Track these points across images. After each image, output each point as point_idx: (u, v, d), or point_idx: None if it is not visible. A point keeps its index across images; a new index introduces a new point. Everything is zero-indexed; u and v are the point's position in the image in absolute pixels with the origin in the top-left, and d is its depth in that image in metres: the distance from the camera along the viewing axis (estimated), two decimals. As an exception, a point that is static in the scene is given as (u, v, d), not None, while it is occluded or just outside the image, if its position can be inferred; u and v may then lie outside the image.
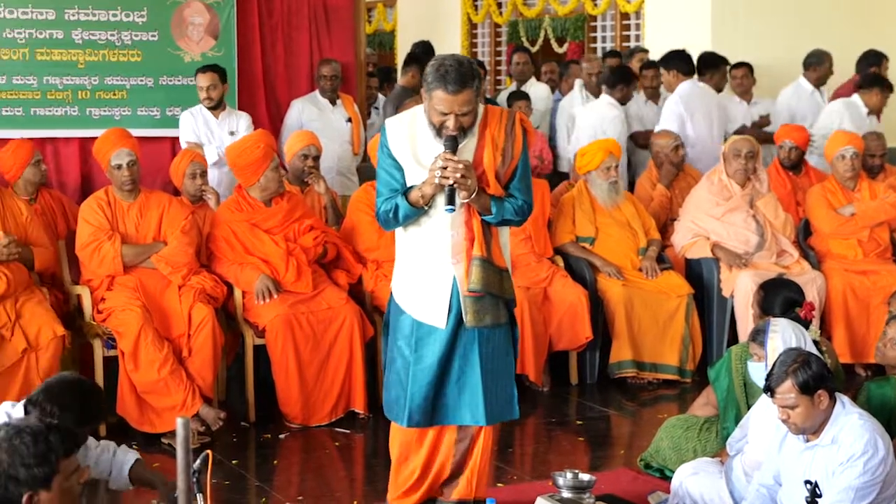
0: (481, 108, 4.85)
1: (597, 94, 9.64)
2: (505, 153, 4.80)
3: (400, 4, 14.88)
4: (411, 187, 4.79)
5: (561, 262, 7.85)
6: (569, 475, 4.86)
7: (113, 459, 4.45)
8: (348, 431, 6.70)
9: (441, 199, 4.73)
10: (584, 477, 4.87)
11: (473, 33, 13.72)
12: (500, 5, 13.33)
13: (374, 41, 15.03)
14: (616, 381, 7.67)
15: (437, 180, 4.65)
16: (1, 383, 6.15)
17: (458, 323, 4.87)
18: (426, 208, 4.78)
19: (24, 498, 3.12)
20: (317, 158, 7.77)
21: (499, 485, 5.75)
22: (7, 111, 7.95)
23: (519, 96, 9.91)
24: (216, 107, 8.16)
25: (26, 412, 4.08)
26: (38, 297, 6.50)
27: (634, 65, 9.95)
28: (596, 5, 12.03)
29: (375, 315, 7.12)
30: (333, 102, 8.91)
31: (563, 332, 7.55)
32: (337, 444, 6.55)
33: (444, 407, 4.95)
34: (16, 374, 6.20)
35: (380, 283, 7.16)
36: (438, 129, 4.72)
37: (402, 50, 13.86)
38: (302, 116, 8.78)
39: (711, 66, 9.42)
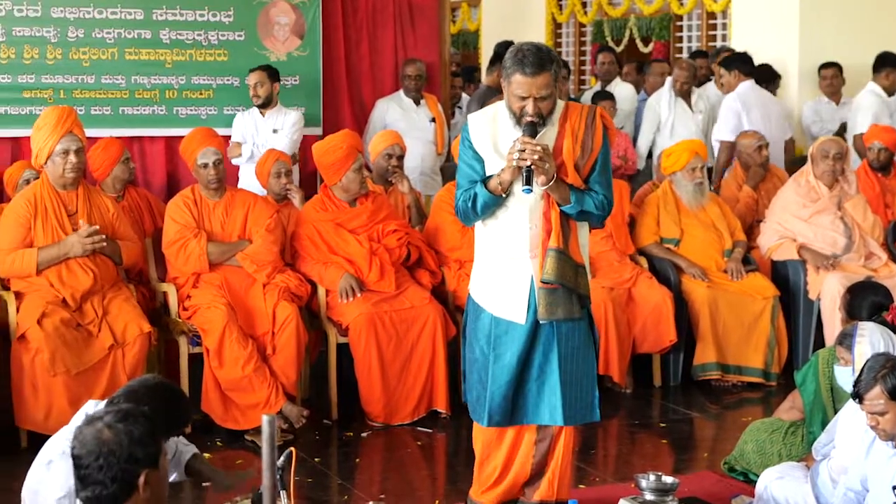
0: (562, 103, 4.84)
1: (686, 98, 9.62)
2: (584, 145, 4.79)
3: (484, 4, 14.86)
4: (490, 176, 4.79)
5: (645, 263, 7.80)
6: (652, 477, 4.81)
7: (175, 451, 4.48)
8: (430, 430, 6.71)
9: (519, 188, 4.69)
10: (668, 479, 4.82)
11: (558, 33, 13.67)
12: (584, 5, 13.26)
13: (458, 41, 15.03)
14: (700, 384, 7.60)
15: (514, 163, 4.62)
16: (88, 379, 6.22)
17: (537, 320, 4.84)
18: (504, 196, 4.76)
19: (142, 477, 3.18)
20: (401, 158, 7.78)
21: (581, 486, 5.72)
22: (96, 110, 8.06)
23: (603, 96, 9.86)
24: (265, 105, 8.20)
25: None
26: (126, 294, 6.58)
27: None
28: (682, 5, 11.92)
29: (458, 315, 7.11)
30: (417, 102, 8.93)
31: (647, 334, 7.50)
32: (419, 442, 6.55)
33: (524, 406, 4.93)
34: (102, 370, 6.27)
35: (462, 283, 7.16)
36: (518, 118, 4.72)
37: (485, 50, 13.86)
38: (386, 116, 8.81)
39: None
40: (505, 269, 4.86)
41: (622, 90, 10.61)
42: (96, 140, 7.35)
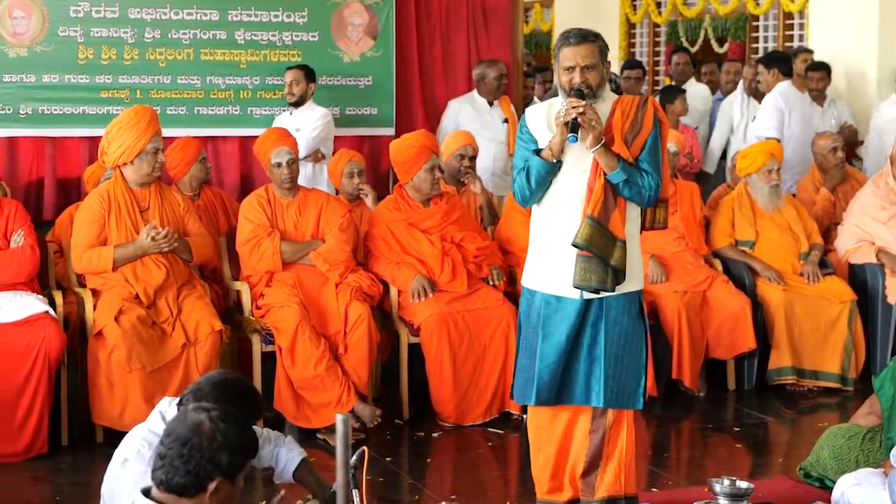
0: (614, 95, 4.98)
1: (757, 98, 9.54)
2: (634, 121, 4.91)
3: (557, 4, 14.80)
4: (542, 149, 4.90)
5: (719, 266, 7.72)
6: (726, 482, 4.76)
7: (276, 452, 4.48)
8: (502, 432, 6.69)
9: (571, 166, 4.84)
10: (742, 484, 4.77)
11: (631, 33, 13.57)
12: (659, 5, 13.16)
13: (530, 41, 14.99)
14: (775, 388, 7.51)
15: (561, 118, 4.77)
16: (162, 377, 6.28)
17: (587, 302, 4.90)
18: (556, 163, 4.85)
19: (213, 484, 3.18)
20: (473, 158, 7.77)
21: (653, 489, 5.68)
22: (171, 110, 8.13)
23: (674, 91, 9.79)
24: (298, 103, 8.19)
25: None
26: (199, 293, 6.63)
27: (798, 66, 9.73)
28: (758, 5, 11.78)
29: (530, 316, 7.10)
30: (491, 103, 8.91)
31: (722, 339, 7.42)
32: (490, 443, 6.54)
33: (571, 387, 4.98)
34: (176, 367, 6.32)
35: (534, 284, 7.13)
36: (568, 92, 4.87)
37: (558, 51, 13.78)
38: (459, 117, 8.79)
39: None
40: (559, 247, 4.93)
41: (696, 90, 10.52)
42: (172, 140, 7.41)
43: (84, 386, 6.44)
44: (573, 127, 4.74)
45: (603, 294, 4.88)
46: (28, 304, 6.32)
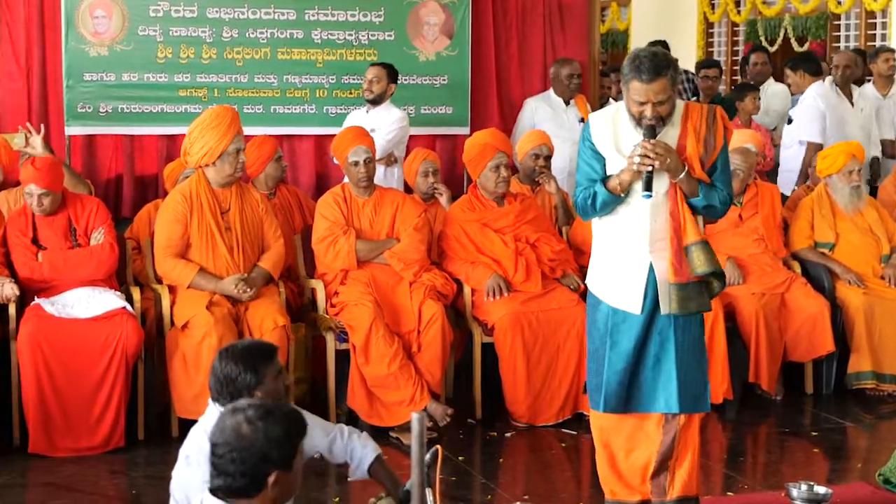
0: (682, 103, 4.93)
1: (848, 94, 9.43)
2: (707, 143, 4.86)
3: (634, 3, 14.74)
4: (609, 176, 4.86)
5: (797, 268, 7.62)
6: (803, 487, 4.71)
7: (351, 448, 4.48)
8: (575, 433, 6.65)
9: (639, 187, 4.79)
10: (820, 489, 4.71)
11: (710, 32, 13.47)
12: (738, 3, 13.04)
13: (607, 40, 14.92)
14: (854, 392, 7.39)
15: (635, 167, 4.73)
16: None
17: (653, 310, 4.88)
18: (623, 196, 4.83)
19: (272, 477, 3.21)
20: (548, 158, 7.75)
21: (729, 494, 5.62)
22: (248, 109, 8.18)
23: (746, 88, 9.69)
24: (375, 101, 8.15)
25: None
26: (270, 289, 6.67)
27: (880, 65, 9.59)
28: (840, 3, 11.65)
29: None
30: (567, 102, 8.86)
31: (800, 342, 7.32)
32: (563, 444, 6.50)
33: (639, 395, 4.95)
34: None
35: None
36: (638, 121, 4.81)
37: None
38: (535, 116, 8.75)
39: None
40: (623, 262, 4.92)
41: (775, 90, 10.41)
42: (249, 138, 7.46)
43: (160, 381, 6.51)
44: (648, 183, 4.72)
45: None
46: (106, 300, 6.40)
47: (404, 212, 7.02)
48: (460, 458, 6.20)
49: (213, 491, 3.28)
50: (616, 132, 4.89)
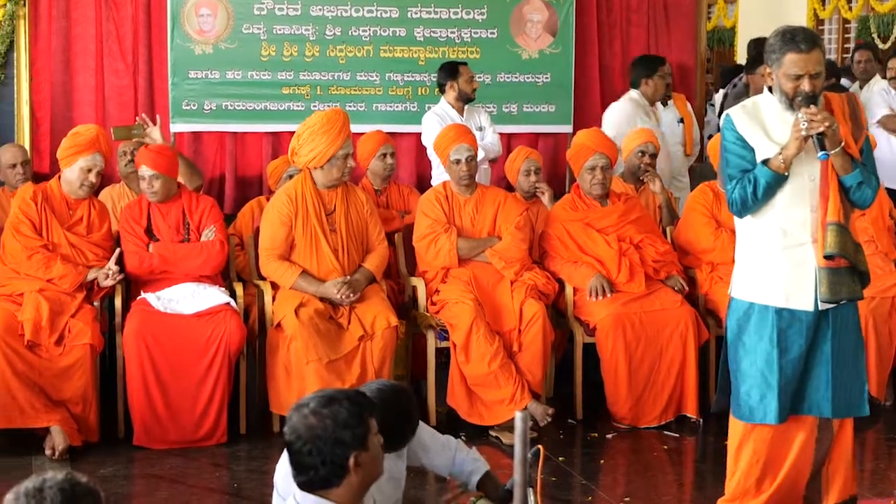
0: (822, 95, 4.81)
1: None
2: (856, 122, 4.79)
3: (741, 0, 14.55)
4: (768, 159, 4.72)
5: (909, 270, 7.44)
6: (914, 495, 4.58)
7: (458, 459, 4.45)
8: (678, 435, 6.56)
9: (799, 169, 4.67)
10: (931, 498, 4.58)
11: (820, 29, 13.21)
12: (849, 0, 12.78)
13: (713, 38, 14.74)
14: (968, 399, 7.20)
15: (803, 132, 4.59)
16: (339, 369, 6.32)
17: (820, 312, 4.75)
18: (786, 175, 4.68)
19: (351, 459, 3.26)
20: (654, 156, 7.65)
21: (836, 500, 5.49)
22: (351, 107, 8.18)
23: (837, 88, 9.48)
24: (469, 100, 8.08)
25: None
26: (376, 288, 6.67)
27: None
28: (957, -2, 11.35)
29: (709, 318, 6.95)
30: (665, 103, 8.74)
31: (911, 346, 7.15)
32: (665, 447, 6.41)
33: (798, 399, 4.82)
34: (353, 360, 6.37)
35: (715, 286, 6.98)
36: (791, 99, 4.69)
37: (741, 47, 13.53)
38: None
39: None
40: (787, 257, 4.77)
41: (881, 87, 10.17)
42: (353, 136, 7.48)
43: (262, 376, 6.55)
44: (821, 143, 4.60)
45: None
46: (211, 296, 6.46)
47: (506, 210, 6.98)
48: (560, 458, 6.15)
49: (301, 488, 3.33)
50: (762, 121, 4.78)
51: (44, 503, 2.65)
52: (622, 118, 8.20)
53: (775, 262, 4.78)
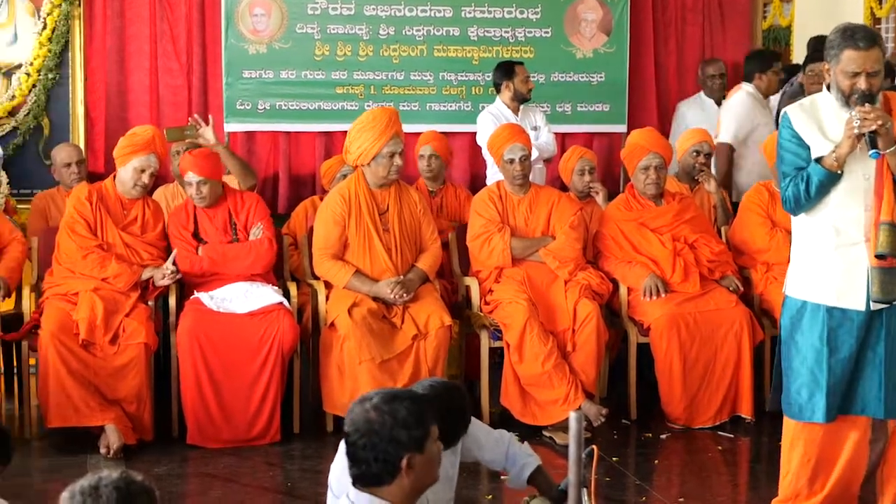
0: (879, 94, 4.73)
1: None
2: None
3: (797, -2, 14.40)
4: (822, 157, 4.65)
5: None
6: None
7: (512, 454, 4.43)
8: (732, 436, 6.51)
9: (854, 167, 4.60)
10: None
11: (877, 28, 13.04)
12: (907, -3, 12.62)
13: (768, 37, 14.60)
14: None
15: (856, 130, 4.53)
16: (392, 368, 6.32)
17: (872, 312, 4.68)
18: (840, 174, 4.62)
19: (404, 460, 3.24)
20: (709, 156, 7.60)
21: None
22: (404, 106, 8.19)
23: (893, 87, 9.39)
24: (525, 100, 8.02)
25: None
26: (429, 287, 6.66)
27: None
28: None
29: (764, 318, 6.89)
30: (719, 103, 8.67)
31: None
32: (720, 447, 6.36)
33: (849, 399, 4.75)
34: (406, 359, 6.37)
35: (770, 286, 6.91)
36: (847, 96, 4.63)
37: (797, 46, 13.39)
38: (686, 118, 8.61)
39: None
40: (840, 256, 4.70)
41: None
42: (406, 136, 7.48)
43: (315, 376, 6.56)
44: (872, 141, 4.53)
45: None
46: (264, 295, 6.47)
47: (560, 210, 6.95)
48: (614, 458, 6.11)
49: (353, 482, 3.32)
50: (818, 119, 4.73)
51: (99, 501, 2.65)
52: (743, 111, 8.15)
53: (828, 261, 4.72)
